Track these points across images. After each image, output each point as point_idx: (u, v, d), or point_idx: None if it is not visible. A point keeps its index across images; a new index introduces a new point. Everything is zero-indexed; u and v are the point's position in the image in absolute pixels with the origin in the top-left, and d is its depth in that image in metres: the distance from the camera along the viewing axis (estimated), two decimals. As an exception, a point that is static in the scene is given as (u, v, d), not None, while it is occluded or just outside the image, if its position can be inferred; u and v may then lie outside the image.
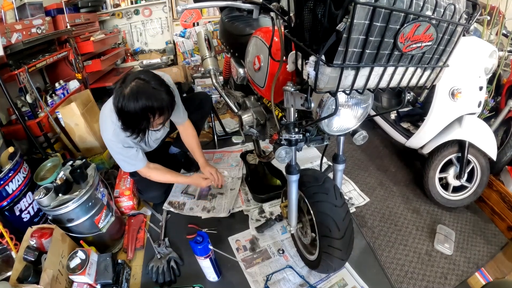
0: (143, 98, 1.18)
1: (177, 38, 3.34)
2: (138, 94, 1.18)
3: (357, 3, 0.55)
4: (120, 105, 1.20)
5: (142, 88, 1.20)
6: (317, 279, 1.36)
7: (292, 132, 1.04)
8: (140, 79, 1.22)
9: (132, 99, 1.18)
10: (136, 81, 1.21)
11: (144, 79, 1.22)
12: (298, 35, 0.78)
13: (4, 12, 1.88)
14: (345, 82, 0.69)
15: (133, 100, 1.18)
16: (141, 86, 1.20)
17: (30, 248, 1.23)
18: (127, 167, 1.54)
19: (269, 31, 1.20)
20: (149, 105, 1.20)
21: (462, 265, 1.42)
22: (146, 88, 1.21)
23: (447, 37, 0.72)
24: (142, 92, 1.19)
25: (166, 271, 1.41)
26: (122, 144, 1.42)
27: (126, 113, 1.21)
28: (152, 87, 1.22)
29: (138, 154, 1.50)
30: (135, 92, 1.18)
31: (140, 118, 1.24)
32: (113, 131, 1.37)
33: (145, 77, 1.23)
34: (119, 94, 1.20)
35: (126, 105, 1.19)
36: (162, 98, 1.24)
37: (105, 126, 1.41)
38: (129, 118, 1.24)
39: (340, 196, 1.12)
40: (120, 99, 1.20)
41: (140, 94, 1.18)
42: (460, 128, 1.60)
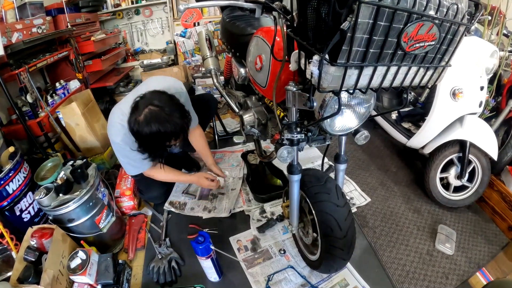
0: (156, 125, 1.19)
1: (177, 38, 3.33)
2: (151, 121, 1.19)
3: (362, 2, 0.55)
4: (135, 130, 1.22)
5: (155, 115, 1.20)
6: (319, 279, 1.36)
7: (294, 131, 1.04)
8: (153, 105, 1.21)
9: (146, 126, 1.19)
10: (149, 108, 1.20)
11: (158, 105, 1.21)
12: (301, 34, 0.78)
13: (5, 12, 1.87)
14: (348, 82, 0.69)
15: (147, 127, 1.19)
16: (154, 113, 1.20)
17: (30, 248, 1.23)
18: (132, 170, 1.55)
19: (270, 31, 1.21)
20: (163, 131, 1.21)
21: (463, 265, 1.42)
22: (159, 115, 1.20)
23: (449, 37, 0.72)
24: (155, 119, 1.19)
25: (167, 271, 1.41)
26: (130, 147, 1.40)
27: (141, 138, 1.23)
28: (165, 114, 1.21)
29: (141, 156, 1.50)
30: (148, 120, 1.19)
31: (156, 144, 1.26)
32: (123, 136, 1.37)
33: (158, 103, 1.22)
34: (133, 120, 1.22)
35: (141, 131, 1.21)
36: (175, 123, 1.23)
37: (114, 130, 1.40)
38: (145, 143, 1.26)
39: (342, 196, 1.12)
40: (135, 125, 1.21)
41: (153, 121, 1.19)
42: (461, 128, 1.60)
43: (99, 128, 2.16)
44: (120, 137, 1.38)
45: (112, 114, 1.44)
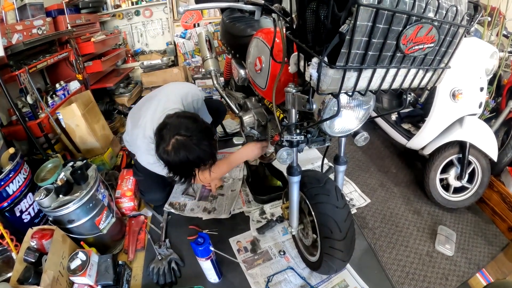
0: (185, 154, 1.17)
1: (177, 39, 3.33)
2: (180, 151, 1.17)
3: (361, 5, 0.55)
4: (166, 159, 1.21)
5: (183, 145, 1.17)
6: (318, 280, 1.36)
7: (294, 133, 1.04)
8: (180, 135, 1.18)
9: (175, 155, 1.18)
10: (176, 138, 1.18)
11: (185, 135, 1.18)
12: (300, 36, 0.78)
13: (5, 13, 1.87)
14: (347, 84, 0.69)
15: (176, 156, 1.17)
16: (181, 143, 1.18)
17: (30, 249, 1.23)
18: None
19: (270, 32, 1.21)
20: (191, 159, 1.19)
21: (463, 266, 1.42)
22: (187, 144, 1.18)
23: (449, 39, 0.72)
24: (183, 149, 1.17)
25: (167, 272, 1.41)
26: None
27: (171, 165, 1.22)
28: (193, 143, 1.19)
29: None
30: (176, 149, 1.17)
31: (186, 170, 1.25)
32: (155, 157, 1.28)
33: (185, 132, 1.19)
34: (162, 150, 1.20)
35: (171, 161, 1.19)
36: (204, 151, 1.21)
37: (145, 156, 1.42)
38: (175, 170, 1.25)
39: (341, 197, 1.12)
40: (164, 155, 1.20)
41: (182, 151, 1.17)
42: (461, 129, 1.60)
43: (99, 129, 2.16)
44: (152, 158, 1.32)
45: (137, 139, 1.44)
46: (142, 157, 1.47)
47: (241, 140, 2.41)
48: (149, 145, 1.32)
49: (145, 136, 1.37)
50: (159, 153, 1.21)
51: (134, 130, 1.49)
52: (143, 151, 1.42)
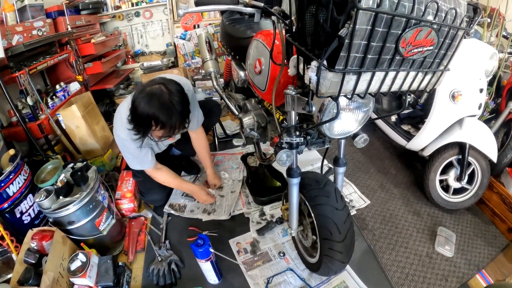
0: (154, 106, 1.16)
1: (177, 40, 3.33)
2: (152, 99, 1.16)
3: (359, 9, 0.55)
4: (134, 99, 1.20)
5: (160, 95, 1.17)
6: (318, 281, 1.36)
7: (293, 135, 1.04)
8: (165, 86, 1.19)
9: (146, 100, 1.17)
10: (160, 86, 1.19)
11: (170, 90, 1.19)
12: (299, 39, 0.78)
13: (5, 14, 1.88)
14: (346, 87, 0.69)
15: (147, 101, 1.17)
16: (159, 93, 1.17)
17: (30, 250, 1.23)
18: (135, 165, 1.56)
19: (270, 34, 1.21)
20: (156, 115, 1.18)
21: (463, 267, 1.42)
22: (163, 98, 1.18)
23: (448, 41, 0.72)
24: (157, 99, 1.17)
25: (166, 273, 1.41)
26: (134, 145, 1.40)
27: (135, 108, 1.20)
28: (169, 100, 1.19)
29: (147, 155, 1.52)
30: (150, 95, 1.17)
31: (143, 121, 1.22)
32: (128, 132, 1.33)
33: (171, 88, 1.20)
34: (141, 89, 1.20)
35: (139, 102, 1.18)
36: (172, 114, 1.20)
37: (120, 124, 1.40)
38: (136, 115, 1.22)
39: (341, 199, 1.12)
40: (139, 94, 1.19)
41: (154, 100, 1.16)
42: (460, 130, 1.60)
43: (99, 130, 2.16)
44: (126, 132, 1.35)
45: (118, 110, 1.45)
46: (117, 128, 1.43)
47: (240, 141, 2.41)
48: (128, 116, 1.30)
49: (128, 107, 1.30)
50: (137, 92, 1.21)
51: (121, 104, 1.46)
52: (119, 122, 1.39)
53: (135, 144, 1.39)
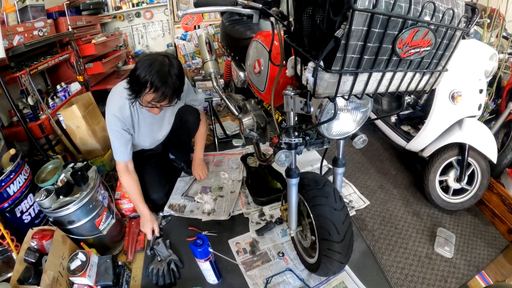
0: (153, 70, 1.25)
1: (178, 40, 3.35)
2: (154, 64, 1.26)
3: (355, 10, 0.56)
4: (137, 61, 1.31)
5: (161, 63, 1.27)
6: (317, 282, 1.36)
7: (292, 135, 1.05)
8: (168, 59, 1.30)
9: (147, 63, 1.27)
10: (164, 57, 1.29)
11: (171, 62, 1.30)
12: (297, 40, 0.78)
13: (6, 15, 1.89)
14: (343, 88, 0.69)
15: (148, 64, 1.26)
16: (161, 61, 1.27)
17: (31, 249, 1.24)
18: (114, 153, 1.58)
19: (269, 35, 1.21)
20: (153, 79, 1.26)
21: (463, 268, 1.42)
22: (164, 66, 1.27)
23: (446, 42, 0.72)
24: (158, 65, 1.26)
25: (166, 273, 1.41)
26: (122, 125, 1.47)
27: (135, 69, 1.29)
28: (168, 70, 1.28)
29: (128, 144, 1.54)
30: (152, 60, 1.27)
31: (139, 81, 1.28)
32: (119, 106, 1.43)
33: (173, 61, 1.31)
34: (146, 54, 1.31)
35: (140, 64, 1.28)
36: (167, 82, 1.28)
37: (112, 99, 1.45)
38: (134, 75, 1.30)
39: (339, 199, 1.13)
40: (143, 57, 1.30)
41: (156, 65, 1.26)
42: (460, 131, 1.60)
43: (99, 130, 2.17)
44: (116, 107, 1.43)
45: (114, 87, 1.50)
46: (108, 105, 1.47)
47: (240, 142, 2.41)
48: (123, 98, 1.40)
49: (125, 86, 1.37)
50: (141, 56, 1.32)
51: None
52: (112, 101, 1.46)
53: (122, 125, 1.46)
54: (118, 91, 1.45)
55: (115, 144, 1.55)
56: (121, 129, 1.49)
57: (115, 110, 1.44)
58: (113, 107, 1.45)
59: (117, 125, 1.47)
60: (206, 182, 2.01)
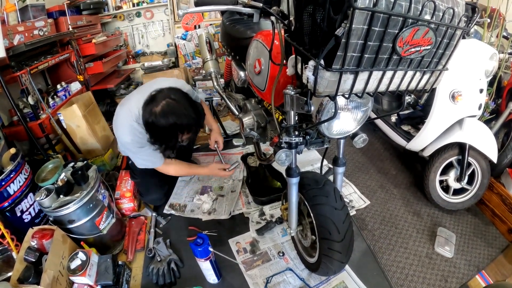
0: (174, 117, 1.25)
1: (178, 40, 3.34)
2: (169, 113, 1.24)
3: (356, 8, 0.56)
4: (151, 121, 1.27)
5: (172, 107, 1.26)
6: (317, 281, 1.36)
7: (292, 135, 1.05)
8: (170, 98, 1.27)
9: (162, 117, 1.24)
10: (167, 100, 1.26)
11: (175, 99, 1.28)
12: (298, 39, 0.78)
13: (7, 14, 1.89)
14: (344, 86, 0.69)
15: (164, 118, 1.24)
16: (171, 106, 1.26)
17: (31, 249, 1.24)
18: (148, 164, 1.56)
19: (269, 34, 1.21)
20: (179, 123, 1.26)
21: (463, 268, 1.42)
22: (176, 107, 1.26)
23: (446, 41, 0.72)
24: (173, 111, 1.25)
25: (166, 273, 1.41)
26: (140, 146, 1.44)
27: (156, 128, 1.28)
28: (182, 107, 1.28)
29: (155, 152, 1.51)
30: (166, 111, 1.24)
31: (170, 135, 1.31)
32: (133, 136, 1.40)
33: (175, 97, 1.29)
34: (149, 112, 1.26)
35: (157, 122, 1.25)
36: (191, 117, 1.30)
37: (123, 131, 1.42)
38: (159, 134, 1.30)
39: (340, 198, 1.13)
40: (151, 116, 1.26)
41: (171, 113, 1.25)
42: (460, 130, 1.60)
43: (99, 130, 2.17)
44: (131, 137, 1.40)
45: (118, 115, 1.45)
46: (121, 135, 1.44)
47: (240, 141, 2.42)
48: (131, 122, 1.38)
49: (131, 111, 1.38)
50: (146, 116, 1.27)
51: (118, 109, 1.48)
52: (123, 128, 1.42)
53: (140, 144, 1.43)
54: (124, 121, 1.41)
55: (144, 161, 1.54)
56: (140, 148, 1.45)
57: (129, 140, 1.42)
58: (126, 138, 1.42)
59: (136, 148, 1.45)
60: (207, 182, 2.01)
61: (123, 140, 1.44)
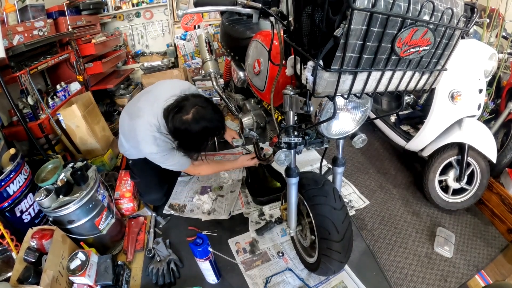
0: (205, 123, 1.33)
1: (178, 40, 3.34)
2: (201, 120, 1.32)
3: (354, 9, 0.56)
4: (183, 129, 1.32)
5: (203, 114, 1.33)
6: (317, 281, 1.36)
7: (292, 135, 1.05)
8: (199, 105, 1.34)
9: (195, 124, 1.31)
10: (197, 108, 1.33)
11: (203, 106, 1.35)
12: (297, 39, 0.78)
13: (6, 14, 1.88)
14: (343, 87, 0.69)
15: (196, 124, 1.31)
16: (201, 112, 1.32)
17: (30, 249, 1.24)
18: (176, 167, 1.59)
19: (268, 35, 1.21)
20: (210, 127, 1.35)
21: (462, 268, 1.42)
22: (206, 113, 1.33)
23: (445, 41, 0.72)
24: (203, 117, 1.32)
25: (166, 273, 1.41)
26: (165, 153, 1.47)
27: (188, 136, 1.34)
28: (212, 112, 1.36)
29: (182, 156, 1.53)
30: (198, 119, 1.31)
31: (201, 140, 1.39)
32: (157, 147, 1.43)
33: (202, 103, 1.36)
34: (180, 121, 1.31)
35: (190, 129, 1.31)
36: (219, 120, 1.39)
37: (148, 143, 1.42)
38: (191, 140, 1.37)
39: (339, 199, 1.13)
40: (183, 125, 1.31)
41: (202, 120, 1.32)
42: (459, 130, 1.60)
43: (99, 130, 2.17)
44: (156, 148, 1.43)
45: (136, 130, 1.44)
46: (146, 148, 1.44)
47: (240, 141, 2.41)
48: (154, 133, 1.41)
49: (150, 123, 1.41)
50: (176, 125, 1.31)
51: (133, 121, 1.48)
52: (147, 141, 1.42)
53: (167, 152, 1.47)
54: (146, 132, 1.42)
55: (174, 166, 1.56)
56: (168, 156, 1.48)
57: (155, 151, 1.43)
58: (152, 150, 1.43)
59: (164, 156, 1.47)
60: (206, 182, 2.01)
61: (149, 152, 1.46)
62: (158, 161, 1.52)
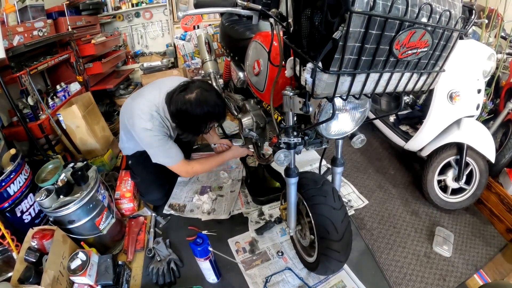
0: (207, 106, 1.33)
1: (177, 41, 3.34)
2: (204, 102, 1.32)
3: (353, 12, 0.56)
4: (184, 108, 1.33)
5: (206, 96, 1.34)
6: (316, 281, 1.37)
7: (291, 135, 1.05)
8: (203, 88, 1.35)
9: (198, 105, 1.32)
10: (201, 89, 1.34)
11: (206, 89, 1.37)
12: (296, 41, 0.79)
13: (6, 15, 1.88)
14: (341, 88, 0.70)
15: (199, 106, 1.32)
16: (204, 94, 1.34)
17: (31, 249, 1.24)
18: (169, 162, 1.55)
19: (268, 36, 1.22)
20: (212, 111, 1.35)
21: (461, 267, 1.43)
22: (210, 97, 1.35)
23: (443, 43, 0.73)
24: (206, 100, 1.33)
25: (166, 272, 1.42)
26: (159, 132, 1.45)
27: (188, 116, 1.34)
28: (215, 97, 1.37)
29: (175, 146, 1.52)
30: (201, 100, 1.32)
31: (200, 123, 1.39)
32: (153, 124, 1.43)
33: (206, 87, 1.38)
34: (182, 99, 1.32)
35: (191, 109, 1.32)
36: (221, 106, 1.41)
37: (144, 118, 1.41)
38: (190, 121, 1.37)
39: (338, 198, 1.13)
40: (185, 104, 1.32)
41: (205, 101, 1.33)
42: (458, 130, 1.61)
43: (99, 130, 2.17)
44: (151, 125, 1.42)
45: (134, 106, 1.45)
46: (140, 123, 1.42)
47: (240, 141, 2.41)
48: (152, 112, 1.42)
49: (150, 102, 1.42)
50: (179, 104, 1.32)
51: (134, 101, 1.49)
52: (142, 117, 1.42)
53: (160, 133, 1.45)
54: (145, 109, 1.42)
55: (162, 154, 1.51)
56: (161, 139, 1.46)
57: (150, 127, 1.42)
58: (147, 125, 1.42)
59: (156, 138, 1.45)
60: (206, 182, 2.02)
61: (142, 127, 1.42)
62: (149, 145, 1.48)
